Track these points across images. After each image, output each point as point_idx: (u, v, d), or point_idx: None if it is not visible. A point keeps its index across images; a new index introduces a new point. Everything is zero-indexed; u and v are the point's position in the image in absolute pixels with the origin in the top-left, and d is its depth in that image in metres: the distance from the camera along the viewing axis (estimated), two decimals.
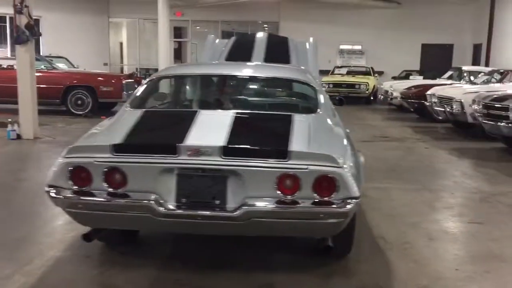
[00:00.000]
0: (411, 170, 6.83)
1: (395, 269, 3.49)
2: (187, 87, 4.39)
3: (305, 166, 2.75)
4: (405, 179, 6.25)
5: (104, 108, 12.11)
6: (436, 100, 10.75)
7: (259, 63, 4.69)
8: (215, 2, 18.78)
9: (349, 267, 3.50)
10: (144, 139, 3.15)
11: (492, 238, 4.15)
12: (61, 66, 13.00)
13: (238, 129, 3.05)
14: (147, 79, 4.10)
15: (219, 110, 3.64)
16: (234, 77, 4.14)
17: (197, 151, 2.78)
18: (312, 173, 2.75)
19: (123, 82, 11.73)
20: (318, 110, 3.61)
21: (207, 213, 2.80)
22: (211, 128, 3.11)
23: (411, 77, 17.13)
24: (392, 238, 4.07)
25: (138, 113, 3.44)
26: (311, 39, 6.06)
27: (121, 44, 24.72)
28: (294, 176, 2.77)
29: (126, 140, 2.94)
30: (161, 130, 3.31)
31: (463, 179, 6.39)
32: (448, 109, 10.01)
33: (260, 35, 6.10)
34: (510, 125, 7.26)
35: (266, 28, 22.49)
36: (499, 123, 7.55)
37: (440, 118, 11.92)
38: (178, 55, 23.91)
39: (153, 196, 2.80)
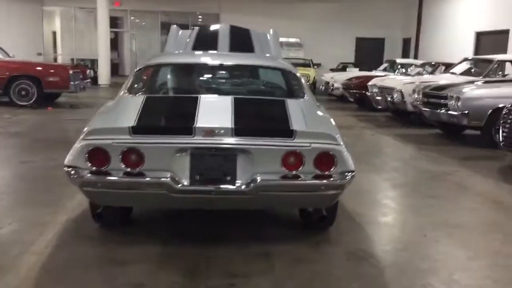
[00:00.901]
0: (363, 154, 7.35)
1: (373, 237, 3.94)
2: (178, 75, 4.59)
3: (308, 144, 3.10)
4: (360, 161, 6.70)
5: (48, 99, 11.86)
6: (377, 90, 11.48)
7: (234, 53, 4.95)
8: None
9: (334, 237, 3.89)
10: (160, 121, 3.35)
11: (447, 210, 4.71)
12: None
13: (240, 112, 3.32)
14: (137, 68, 4.26)
15: (217, 95, 3.89)
16: (223, 65, 4.40)
17: (211, 131, 3.04)
18: (314, 150, 3.10)
19: (70, 72, 11.50)
20: (305, 95, 3.97)
21: (219, 188, 3.07)
22: (216, 111, 3.37)
23: (347, 69, 17.99)
24: (364, 212, 4.51)
25: (140, 98, 3.62)
26: (271, 31, 6.38)
27: (54, 33, 23.88)
28: (298, 153, 3.10)
29: (142, 122, 3.14)
30: (170, 113, 3.51)
31: (411, 160, 7.02)
32: (389, 99, 10.75)
33: (222, 26, 6.33)
34: (449, 112, 7.98)
35: (201, 20, 22.61)
36: (438, 111, 8.28)
37: (380, 107, 12.73)
38: (115, 45, 23.47)
39: (169, 174, 3.03)
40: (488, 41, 16.06)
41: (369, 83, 11.99)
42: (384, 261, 3.49)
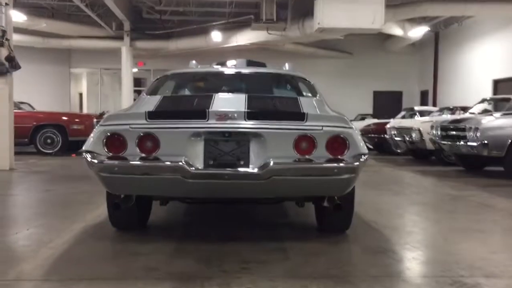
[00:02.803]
0: (382, 183, 7.32)
1: (391, 239, 3.87)
2: (195, 83, 4.75)
3: (320, 127, 3.14)
4: (379, 188, 6.72)
5: (73, 148, 12.16)
6: (395, 132, 11.51)
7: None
8: (176, 51, 19.37)
9: (351, 238, 3.84)
10: (175, 108, 3.46)
11: (468, 220, 4.62)
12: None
13: (253, 104, 3.41)
14: (157, 77, 4.46)
15: (232, 93, 4.01)
16: (238, 73, 4.56)
17: (225, 115, 3.12)
18: (326, 133, 3.14)
19: (94, 120, 11.86)
20: (318, 95, 4.07)
21: (233, 171, 3.10)
22: (230, 103, 3.47)
23: (366, 119, 18.11)
24: (382, 222, 4.45)
25: (157, 97, 3.75)
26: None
27: (80, 94, 24.80)
28: (310, 137, 3.14)
29: (158, 109, 3.25)
30: (186, 104, 3.62)
31: (431, 187, 6.94)
32: (407, 138, 10.74)
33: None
34: (468, 143, 7.93)
35: None
36: (458, 143, 8.23)
37: (399, 151, 12.72)
38: None
39: (183, 159, 3.08)
40: (506, 88, 16.09)
41: (387, 126, 12.05)
42: (402, 254, 3.42)
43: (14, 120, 8.89)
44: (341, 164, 3.13)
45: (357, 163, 3.14)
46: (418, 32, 17.97)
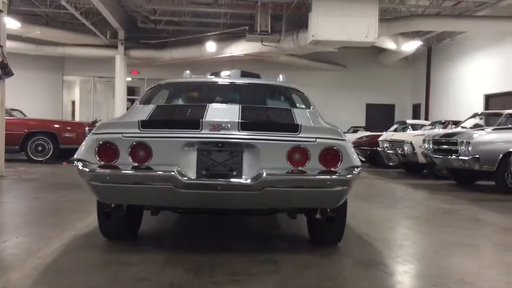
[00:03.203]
0: (374, 196, 7.33)
1: (383, 252, 3.86)
2: (189, 93, 4.74)
3: (313, 139, 3.14)
4: (372, 201, 6.72)
5: (64, 156, 12.08)
6: (387, 145, 11.55)
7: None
8: (171, 60, 19.38)
9: (343, 250, 3.82)
10: (168, 118, 3.44)
11: (459, 234, 4.61)
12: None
13: (247, 115, 3.40)
14: (151, 86, 4.44)
15: (225, 104, 4.00)
16: (232, 84, 4.56)
17: (218, 125, 3.11)
18: (319, 145, 3.14)
19: (86, 128, 11.80)
20: (311, 107, 4.07)
21: (226, 181, 3.09)
22: (223, 113, 3.46)
23: (358, 132, 18.18)
24: (374, 235, 4.44)
25: (151, 106, 3.74)
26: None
27: (73, 102, 24.69)
28: (303, 149, 3.14)
29: (151, 118, 3.23)
30: (179, 114, 3.61)
31: (422, 201, 6.96)
32: (399, 151, 10.78)
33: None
34: (460, 157, 7.97)
35: None
36: (449, 157, 8.26)
37: (391, 164, 12.76)
38: None
39: (176, 169, 3.07)
40: (497, 103, 16.22)
41: (380, 138, 12.09)
42: (394, 268, 3.42)
43: (5, 127, 8.83)
44: (334, 176, 3.13)
45: (350, 175, 3.14)
46: (411, 46, 18.13)
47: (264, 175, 3.07)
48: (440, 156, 8.61)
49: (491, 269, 3.44)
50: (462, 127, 10.53)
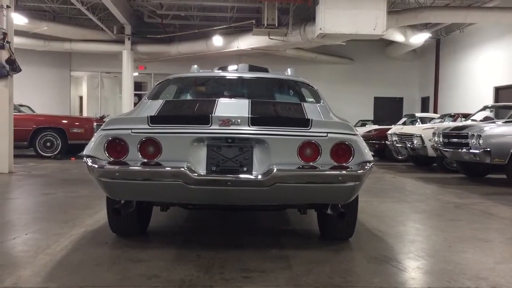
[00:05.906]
0: (384, 190, 7.26)
1: (394, 247, 3.81)
2: (198, 88, 4.70)
3: (325, 134, 3.09)
4: (382, 196, 6.66)
5: (72, 151, 12.11)
6: (396, 138, 11.46)
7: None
8: (177, 55, 19.34)
9: (354, 246, 3.78)
10: (178, 113, 3.40)
11: (472, 228, 4.55)
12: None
13: (257, 109, 3.36)
14: (159, 81, 4.41)
15: (235, 99, 3.96)
16: (241, 78, 4.51)
17: (228, 120, 3.06)
18: (331, 140, 3.09)
19: (94, 124, 11.81)
20: (322, 101, 4.02)
21: (236, 177, 3.05)
22: (233, 108, 3.41)
23: (367, 125, 18.08)
24: (385, 230, 4.39)
25: (159, 102, 3.70)
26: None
27: (80, 98, 24.75)
28: (314, 144, 3.09)
29: (161, 113, 3.20)
30: (188, 109, 3.57)
31: (433, 195, 6.88)
32: (409, 145, 10.69)
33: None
34: (470, 150, 7.88)
35: None
36: (460, 150, 8.18)
37: (400, 157, 12.67)
38: None
39: (185, 164, 3.03)
40: (507, 95, 16.05)
41: (389, 132, 12.00)
42: (407, 263, 3.36)
43: (14, 123, 8.85)
44: (346, 172, 3.08)
45: (362, 170, 3.09)
46: (419, 38, 17.97)
47: (275, 170, 3.02)
48: (451, 150, 8.52)
49: (506, 264, 3.38)
50: (472, 120, 10.44)
